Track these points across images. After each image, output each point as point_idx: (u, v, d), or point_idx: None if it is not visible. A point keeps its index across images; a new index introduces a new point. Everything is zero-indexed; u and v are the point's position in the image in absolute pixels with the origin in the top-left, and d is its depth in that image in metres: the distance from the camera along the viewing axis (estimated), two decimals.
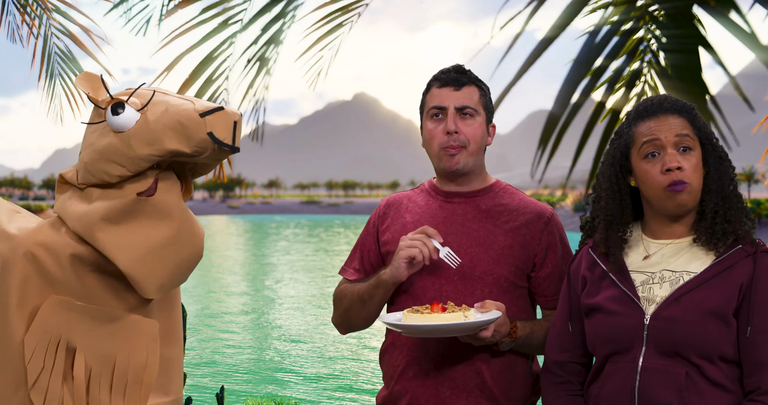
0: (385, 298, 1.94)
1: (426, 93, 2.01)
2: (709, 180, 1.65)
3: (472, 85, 1.96)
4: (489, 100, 1.99)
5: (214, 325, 11.57)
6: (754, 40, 1.76)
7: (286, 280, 17.83)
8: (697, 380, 1.55)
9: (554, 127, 1.90)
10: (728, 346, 1.55)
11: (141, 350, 1.53)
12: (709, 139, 1.67)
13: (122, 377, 1.51)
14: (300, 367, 8.76)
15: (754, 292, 1.54)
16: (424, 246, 1.81)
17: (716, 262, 1.60)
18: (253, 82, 3.07)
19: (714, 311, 1.55)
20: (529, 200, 2.02)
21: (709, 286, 1.58)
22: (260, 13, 2.89)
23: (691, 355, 1.56)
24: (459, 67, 1.99)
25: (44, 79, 4.07)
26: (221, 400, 3.15)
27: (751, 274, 1.56)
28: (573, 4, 1.90)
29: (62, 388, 1.48)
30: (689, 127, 1.66)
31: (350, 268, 2.08)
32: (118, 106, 1.44)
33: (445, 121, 1.93)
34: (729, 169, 1.67)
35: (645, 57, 2.17)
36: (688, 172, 1.64)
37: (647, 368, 1.59)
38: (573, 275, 1.80)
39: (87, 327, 1.48)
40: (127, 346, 1.51)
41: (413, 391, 1.93)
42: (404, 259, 1.81)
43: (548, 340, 1.84)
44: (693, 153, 1.65)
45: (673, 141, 1.66)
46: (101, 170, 1.45)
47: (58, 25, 3.92)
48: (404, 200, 2.08)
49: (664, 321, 1.59)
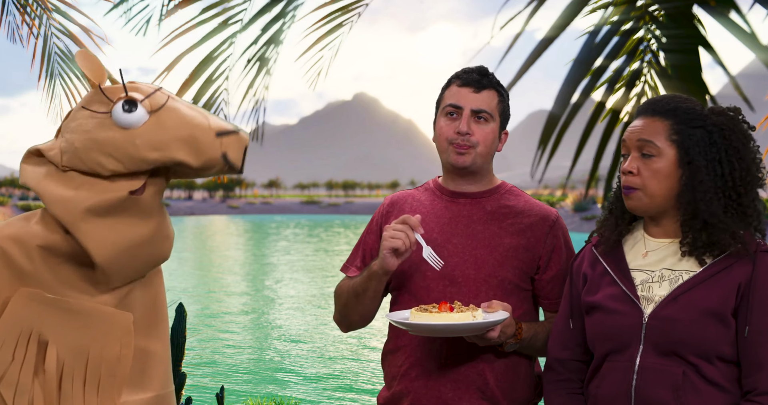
0: (378, 291, 1.93)
1: (445, 88, 2.00)
2: (684, 190, 1.62)
3: (492, 89, 1.95)
4: (507, 106, 1.98)
5: (214, 325, 11.57)
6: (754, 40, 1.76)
7: (286, 280, 17.83)
8: (694, 380, 1.55)
9: (554, 127, 1.90)
10: (726, 346, 1.55)
11: (114, 343, 1.51)
12: (692, 146, 1.61)
13: (95, 370, 1.50)
14: (300, 367, 8.76)
15: (753, 292, 1.54)
16: (406, 237, 1.80)
17: (715, 261, 1.59)
18: (253, 82, 3.07)
19: (711, 311, 1.55)
20: (534, 202, 2.02)
21: (707, 285, 1.57)
22: (260, 13, 2.89)
23: (688, 354, 1.56)
24: (483, 69, 1.97)
25: (44, 79, 4.07)
26: (221, 400, 3.15)
27: (750, 273, 1.55)
28: (573, 4, 1.90)
29: (33, 381, 1.47)
30: (667, 131, 1.63)
31: (352, 266, 2.08)
32: (131, 104, 1.42)
33: (458, 121, 1.93)
34: (714, 181, 1.59)
35: (645, 57, 2.17)
36: (643, 178, 1.63)
37: (644, 367, 1.59)
38: (575, 273, 1.80)
39: (58, 320, 1.47)
40: (101, 338, 1.50)
41: (415, 392, 1.93)
42: (388, 249, 1.81)
43: (550, 338, 1.84)
44: (656, 159, 1.63)
45: (636, 145, 1.66)
46: (95, 161, 1.43)
47: (58, 25, 3.91)
48: (408, 199, 2.08)
49: (661, 320, 1.59)
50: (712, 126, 1.62)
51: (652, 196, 1.64)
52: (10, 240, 1.45)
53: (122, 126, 1.43)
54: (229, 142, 1.43)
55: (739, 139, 1.61)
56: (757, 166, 1.62)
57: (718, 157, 1.61)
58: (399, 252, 1.81)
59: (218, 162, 1.43)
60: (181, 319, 2.81)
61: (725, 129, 1.62)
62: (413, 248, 1.81)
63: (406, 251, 1.81)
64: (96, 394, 1.51)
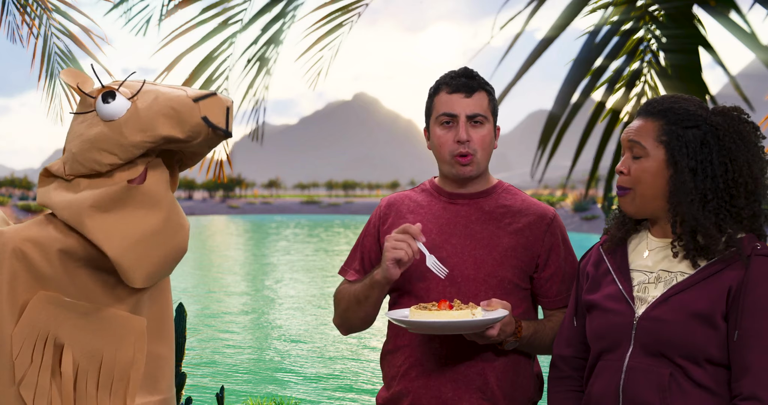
0: (380, 298, 1.94)
1: (434, 96, 1.98)
2: (671, 192, 1.61)
3: (481, 90, 1.94)
4: (496, 102, 1.98)
5: (214, 325, 11.57)
6: (754, 40, 1.76)
7: (286, 280, 17.83)
8: (681, 381, 1.55)
9: (554, 127, 1.90)
10: (715, 349, 1.53)
11: (128, 347, 1.53)
12: (680, 147, 1.59)
13: (109, 374, 1.52)
14: (300, 367, 8.76)
15: (744, 295, 1.52)
16: (408, 247, 1.79)
17: (708, 264, 1.58)
18: (253, 82, 3.07)
19: (700, 314, 1.54)
20: (531, 201, 2.02)
21: (698, 288, 1.56)
22: (260, 13, 2.89)
23: (675, 356, 1.55)
24: (468, 72, 1.96)
25: (44, 79, 4.07)
26: (221, 400, 3.15)
27: (741, 277, 1.53)
28: (573, 4, 1.90)
29: (51, 383, 1.48)
30: (657, 132, 1.63)
31: (350, 269, 2.08)
32: (109, 95, 1.46)
33: (455, 129, 1.92)
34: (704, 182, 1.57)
35: (645, 57, 2.17)
36: (632, 179, 1.64)
37: (632, 367, 1.60)
38: (581, 271, 1.82)
39: (75, 323, 1.48)
40: (115, 342, 1.52)
41: (415, 392, 1.93)
42: (390, 261, 1.80)
43: (557, 335, 1.85)
44: (644, 160, 1.63)
45: (627, 146, 1.67)
46: (92, 159, 1.46)
47: (58, 25, 3.91)
48: (405, 200, 2.07)
49: (650, 321, 1.59)
50: (708, 126, 1.60)
51: (641, 196, 1.64)
52: (30, 243, 1.46)
53: (107, 118, 1.46)
54: (207, 105, 1.43)
55: (734, 139, 1.58)
56: (753, 166, 1.58)
57: (709, 159, 1.58)
58: (402, 262, 1.81)
59: (202, 127, 1.43)
60: (181, 319, 2.81)
61: (720, 130, 1.59)
62: (417, 257, 1.81)
63: (409, 261, 1.81)
64: (108, 397, 1.52)
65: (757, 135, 1.62)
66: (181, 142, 1.45)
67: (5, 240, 1.47)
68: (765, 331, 1.50)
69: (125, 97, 1.46)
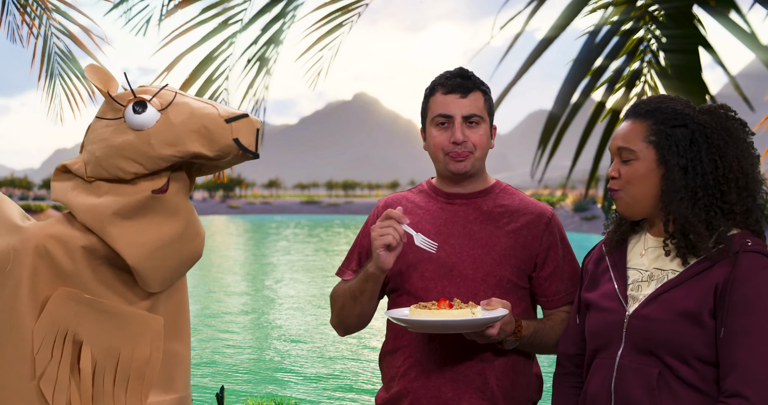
0: (376, 292, 1.93)
1: (429, 97, 1.98)
2: (663, 191, 1.62)
3: (477, 90, 1.94)
4: (491, 102, 1.98)
5: (214, 325, 11.56)
6: (754, 40, 1.76)
7: (286, 280, 17.82)
8: (670, 380, 1.55)
9: (554, 127, 1.91)
10: (703, 347, 1.53)
11: (145, 345, 1.54)
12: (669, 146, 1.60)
13: (125, 371, 1.53)
14: (300, 367, 8.76)
15: (730, 293, 1.51)
16: (395, 231, 1.79)
17: (696, 262, 1.59)
18: (253, 82, 3.07)
19: (687, 312, 1.54)
20: (529, 200, 2.02)
21: (687, 286, 1.57)
22: (260, 13, 2.89)
23: (664, 354, 1.56)
24: (463, 72, 1.96)
25: (44, 79, 4.07)
26: (221, 400, 3.15)
27: (728, 274, 1.53)
28: (573, 4, 1.90)
29: (69, 379, 1.50)
30: (645, 132, 1.63)
31: (348, 270, 2.07)
32: (140, 105, 1.46)
33: (451, 130, 1.91)
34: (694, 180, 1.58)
35: (645, 57, 2.17)
36: (623, 182, 1.65)
37: (623, 366, 1.60)
38: (584, 270, 1.83)
39: (94, 320, 1.50)
40: (132, 340, 1.53)
41: (415, 392, 1.93)
42: (380, 248, 1.80)
43: (564, 332, 1.86)
44: (634, 163, 1.63)
45: (615, 152, 1.68)
46: (116, 166, 1.46)
47: (58, 25, 3.91)
48: (403, 201, 2.07)
49: (640, 319, 1.60)
50: (696, 125, 1.60)
51: (634, 198, 1.65)
52: (54, 240, 1.48)
53: (136, 128, 1.46)
54: (239, 127, 1.45)
55: (722, 137, 1.59)
56: (744, 162, 1.58)
57: (699, 157, 1.59)
58: (391, 247, 1.80)
59: (232, 148, 1.45)
60: None
61: (708, 127, 1.59)
62: (404, 240, 1.81)
63: (398, 244, 1.80)
64: (125, 394, 1.54)
65: (745, 131, 1.62)
66: (208, 159, 1.47)
67: (29, 236, 1.48)
68: (751, 328, 1.50)
69: (156, 108, 1.46)
